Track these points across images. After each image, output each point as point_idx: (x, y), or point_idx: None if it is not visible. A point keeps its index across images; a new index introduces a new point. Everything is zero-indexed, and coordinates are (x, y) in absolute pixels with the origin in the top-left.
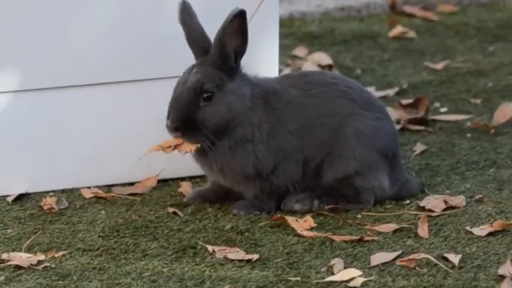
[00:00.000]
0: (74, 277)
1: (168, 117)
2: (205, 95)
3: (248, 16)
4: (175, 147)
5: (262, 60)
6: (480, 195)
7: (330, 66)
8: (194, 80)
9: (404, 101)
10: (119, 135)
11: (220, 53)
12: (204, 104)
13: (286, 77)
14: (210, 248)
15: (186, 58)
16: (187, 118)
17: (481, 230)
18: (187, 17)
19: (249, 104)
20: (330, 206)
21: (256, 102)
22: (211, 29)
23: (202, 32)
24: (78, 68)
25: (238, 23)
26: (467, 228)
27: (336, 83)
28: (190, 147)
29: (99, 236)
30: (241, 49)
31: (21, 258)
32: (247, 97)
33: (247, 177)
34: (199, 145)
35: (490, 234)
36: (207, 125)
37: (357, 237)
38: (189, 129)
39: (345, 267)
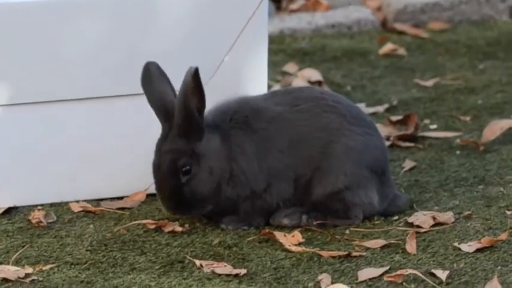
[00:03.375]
0: None
1: (158, 198)
2: (183, 169)
3: (237, 33)
4: None
5: (251, 77)
6: (468, 212)
7: (319, 83)
8: (167, 162)
9: (394, 118)
10: (108, 149)
11: (184, 116)
12: (186, 178)
13: (273, 94)
14: (197, 262)
15: (172, 74)
16: (179, 201)
17: (469, 247)
18: (147, 82)
19: (225, 151)
20: (318, 221)
21: (232, 140)
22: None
23: (163, 96)
24: (65, 82)
25: (194, 81)
26: (455, 244)
27: (325, 98)
28: None
29: (87, 250)
30: (201, 106)
31: (8, 271)
32: (219, 147)
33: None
34: None
35: (478, 250)
36: (199, 198)
37: (345, 253)
38: (186, 209)
39: (332, 283)
